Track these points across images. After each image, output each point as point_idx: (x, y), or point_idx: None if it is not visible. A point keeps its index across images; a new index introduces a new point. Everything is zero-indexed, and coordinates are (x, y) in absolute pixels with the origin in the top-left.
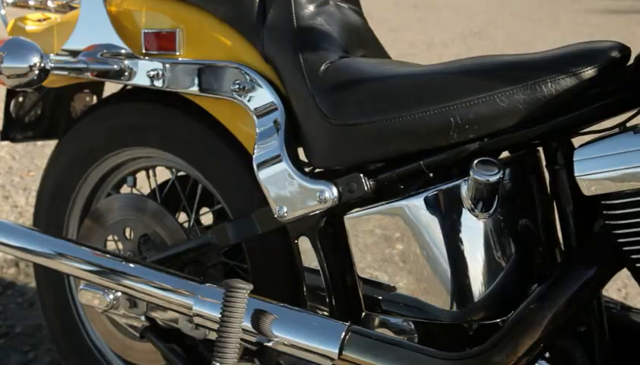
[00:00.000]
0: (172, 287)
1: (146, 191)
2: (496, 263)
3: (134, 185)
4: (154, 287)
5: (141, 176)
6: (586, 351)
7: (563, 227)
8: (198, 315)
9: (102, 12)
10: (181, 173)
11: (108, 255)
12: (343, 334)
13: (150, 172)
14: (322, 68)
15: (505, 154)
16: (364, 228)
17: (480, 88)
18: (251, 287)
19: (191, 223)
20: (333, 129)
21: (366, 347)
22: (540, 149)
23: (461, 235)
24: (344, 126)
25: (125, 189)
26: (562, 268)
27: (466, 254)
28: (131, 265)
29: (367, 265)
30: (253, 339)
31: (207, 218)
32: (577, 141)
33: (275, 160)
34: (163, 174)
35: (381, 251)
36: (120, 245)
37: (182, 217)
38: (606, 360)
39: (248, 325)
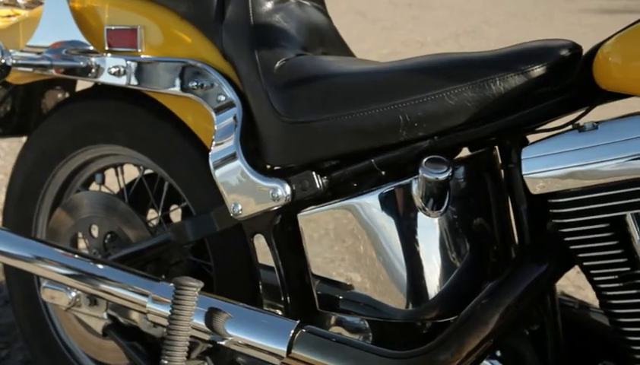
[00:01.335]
0: (128, 285)
1: (117, 188)
2: (449, 261)
3: (102, 182)
4: (110, 284)
5: (113, 173)
6: (538, 350)
7: (518, 226)
8: (151, 312)
9: (65, 8)
10: (149, 171)
11: (66, 253)
12: (292, 332)
13: (119, 169)
14: (277, 65)
15: (464, 153)
16: (317, 226)
17: (429, 86)
18: (201, 284)
19: (158, 221)
20: (285, 127)
21: (315, 345)
22: (497, 147)
23: (413, 233)
24: (296, 124)
25: (95, 187)
26: (512, 266)
27: (418, 252)
28: (88, 263)
29: (321, 263)
30: (204, 337)
31: (178, 215)
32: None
33: (230, 157)
34: (135, 172)
35: (335, 249)
36: (88, 243)
37: (153, 214)
38: (558, 359)
39: (198, 322)
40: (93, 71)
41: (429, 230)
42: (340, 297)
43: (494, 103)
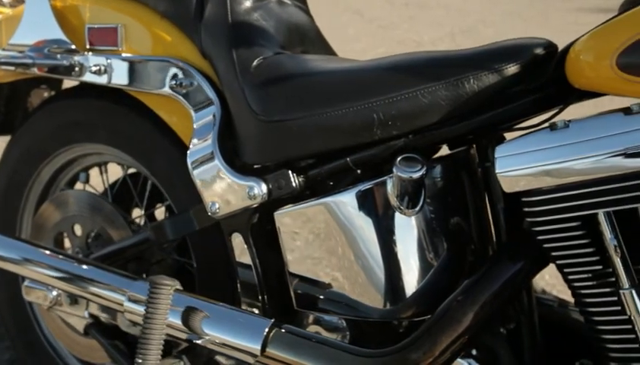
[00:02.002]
0: (106, 284)
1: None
2: (426, 260)
3: (86, 181)
4: (89, 283)
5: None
6: (514, 349)
7: (495, 224)
8: (128, 311)
9: (47, 7)
10: (133, 170)
11: (44, 251)
12: (267, 330)
13: (103, 168)
14: (254, 63)
15: (444, 152)
16: (294, 224)
17: (403, 85)
18: (176, 283)
19: (141, 220)
20: (261, 126)
21: (289, 344)
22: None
23: (389, 232)
24: (271, 123)
25: (80, 186)
26: (488, 264)
27: (394, 251)
28: (67, 262)
29: (297, 261)
30: (180, 336)
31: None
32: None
33: (208, 155)
34: (120, 171)
35: (311, 248)
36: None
37: (139, 213)
38: (535, 358)
39: (174, 321)
40: (77, 69)
41: (405, 228)
42: (317, 296)
43: (468, 102)
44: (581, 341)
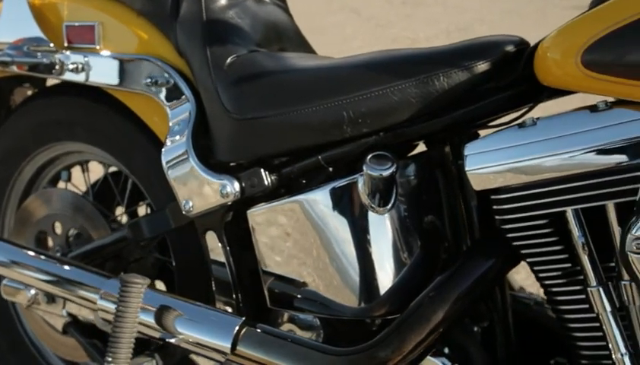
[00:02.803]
0: (80, 282)
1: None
2: (398, 258)
3: (68, 179)
4: (63, 281)
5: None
6: (487, 347)
7: (469, 222)
8: (101, 309)
9: (24, 5)
10: (114, 168)
11: (21, 250)
12: (237, 329)
13: (85, 167)
14: (228, 61)
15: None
16: (266, 223)
17: (373, 82)
18: (147, 281)
19: (123, 218)
20: (233, 123)
21: (259, 342)
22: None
23: (361, 230)
24: (243, 120)
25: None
26: (459, 262)
27: (366, 249)
28: (41, 260)
29: (270, 260)
30: (152, 334)
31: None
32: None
33: (182, 154)
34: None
35: (284, 246)
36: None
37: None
38: (509, 356)
39: (146, 319)
40: (50, 68)
41: (378, 226)
42: (291, 294)
43: (438, 99)
44: (557, 339)
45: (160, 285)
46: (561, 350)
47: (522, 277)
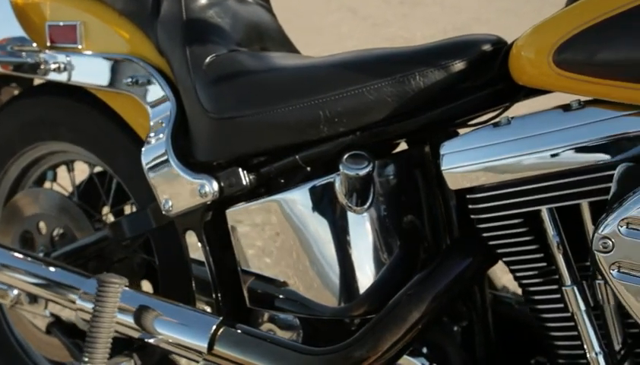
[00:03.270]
0: (60, 282)
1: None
2: (377, 257)
3: (54, 179)
4: (44, 281)
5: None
6: (467, 346)
7: (448, 222)
8: (80, 309)
9: (7, 4)
10: (100, 168)
11: (2, 250)
12: (214, 328)
13: (70, 166)
14: (207, 61)
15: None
16: (245, 222)
17: (349, 82)
18: (125, 281)
19: (108, 218)
20: (211, 123)
21: (236, 342)
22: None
23: (339, 229)
24: (221, 120)
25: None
26: (436, 262)
27: (344, 248)
28: (23, 260)
29: (250, 259)
30: (130, 334)
31: None
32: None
33: (161, 153)
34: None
35: (263, 245)
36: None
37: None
38: (489, 355)
39: (124, 319)
40: (34, 67)
41: (356, 226)
42: (270, 294)
43: (414, 98)
44: (538, 338)
45: (146, 285)
46: (542, 350)
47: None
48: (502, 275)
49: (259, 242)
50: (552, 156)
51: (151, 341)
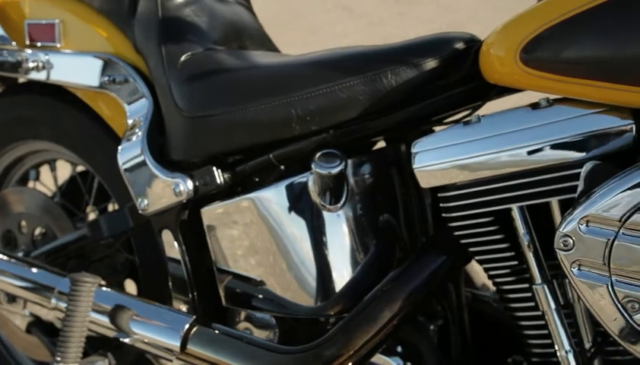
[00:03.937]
0: (36, 281)
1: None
2: (352, 256)
3: (36, 178)
4: (21, 281)
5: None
6: (442, 345)
7: (423, 220)
8: (56, 308)
9: None
10: (83, 167)
11: None
12: (187, 327)
13: (53, 166)
14: (182, 59)
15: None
16: (220, 221)
17: (320, 80)
18: (98, 280)
19: (91, 217)
20: (185, 121)
21: (209, 341)
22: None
23: (313, 228)
24: (195, 118)
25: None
26: (409, 261)
27: (319, 247)
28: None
29: (225, 258)
30: (104, 333)
31: None
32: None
33: (136, 152)
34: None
35: (238, 244)
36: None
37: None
38: (465, 354)
39: (97, 318)
40: (12, 66)
41: (330, 224)
42: (245, 293)
43: (387, 97)
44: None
45: (130, 284)
46: (520, 348)
47: None
48: (481, 273)
49: (234, 241)
50: (521, 154)
51: (126, 340)
